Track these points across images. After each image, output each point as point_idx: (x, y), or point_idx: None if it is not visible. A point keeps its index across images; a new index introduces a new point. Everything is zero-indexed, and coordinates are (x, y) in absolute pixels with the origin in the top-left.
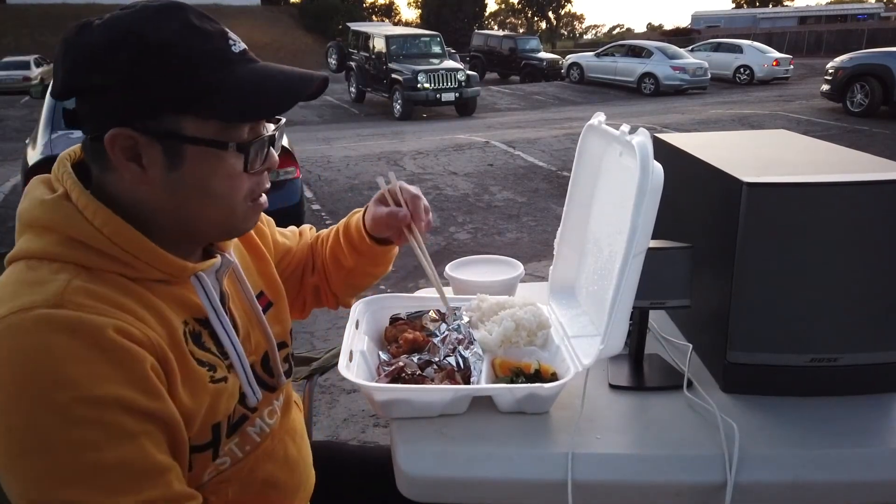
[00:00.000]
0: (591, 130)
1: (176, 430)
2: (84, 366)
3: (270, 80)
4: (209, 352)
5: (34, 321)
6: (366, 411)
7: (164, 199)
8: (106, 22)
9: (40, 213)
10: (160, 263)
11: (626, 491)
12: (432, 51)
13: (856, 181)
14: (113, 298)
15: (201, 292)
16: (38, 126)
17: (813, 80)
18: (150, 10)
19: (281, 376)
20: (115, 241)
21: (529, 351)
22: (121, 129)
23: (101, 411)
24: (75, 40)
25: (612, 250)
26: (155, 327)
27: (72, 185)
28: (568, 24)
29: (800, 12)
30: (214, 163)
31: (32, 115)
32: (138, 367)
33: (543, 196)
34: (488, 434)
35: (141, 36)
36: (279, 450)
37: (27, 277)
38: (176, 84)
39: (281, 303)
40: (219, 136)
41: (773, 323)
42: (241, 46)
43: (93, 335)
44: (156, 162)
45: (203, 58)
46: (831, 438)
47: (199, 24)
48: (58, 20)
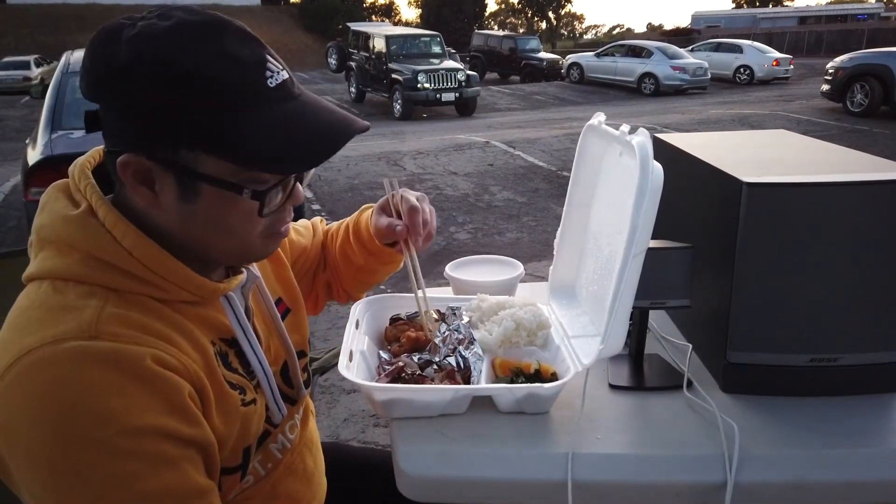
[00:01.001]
0: (591, 130)
1: (211, 454)
2: (124, 398)
3: (302, 129)
4: (237, 373)
5: (69, 355)
6: (366, 411)
7: (177, 226)
8: (137, 36)
9: (64, 230)
10: (191, 285)
11: (626, 491)
12: (432, 51)
13: (856, 181)
14: (146, 324)
15: (230, 312)
16: (38, 126)
17: (813, 80)
18: (186, 29)
19: (301, 387)
20: (144, 264)
21: (529, 351)
22: (133, 156)
23: (142, 442)
24: (102, 50)
25: (612, 250)
26: (189, 353)
27: (98, 202)
28: (568, 24)
29: (800, 12)
30: (229, 203)
31: (32, 115)
32: (177, 395)
33: (543, 196)
34: (488, 434)
35: (168, 62)
36: (299, 464)
37: (54, 302)
38: (196, 119)
39: (299, 309)
40: (236, 178)
41: (773, 323)
42: (281, 77)
43: (131, 367)
44: (169, 191)
45: (230, 93)
46: (831, 438)
47: (236, 50)
48: (58, 20)
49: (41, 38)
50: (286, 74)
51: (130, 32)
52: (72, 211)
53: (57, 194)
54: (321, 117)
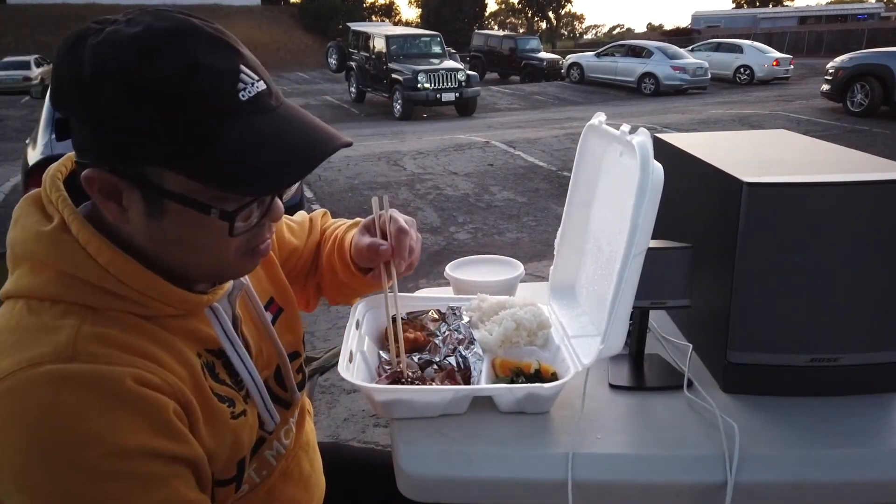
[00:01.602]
0: (591, 130)
1: (202, 469)
2: (106, 419)
3: (273, 146)
4: (225, 384)
5: (46, 378)
6: (366, 411)
7: (147, 241)
8: (100, 44)
9: (36, 247)
10: (173, 299)
11: (626, 491)
12: (432, 51)
13: (856, 181)
14: (126, 342)
15: (216, 323)
16: (39, 126)
17: (813, 80)
18: (153, 36)
19: (295, 391)
20: (122, 280)
21: (529, 351)
22: (98, 171)
23: (130, 462)
24: (66, 58)
25: (612, 250)
26: (174, 369)
27: (70, 216)
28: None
29: (800, 12)
30: (197, 222)
31: (32, 115)
32: (161, 414)
33: (543, 196)
34: (488, 434)
35: (131, 73)
36: (294, 468)
37: (29, 322)
38: (161, 134)
39: (291, 308)
40: (204, 197)
41: (773, 323)
42: (255, 90)
43: (111, 388)
44: (136, 207)
45: (197, 107)
46: (831, 438)
47: (208, 60)
48: (58, 20)
49: (41, 38)
50: (262, 85)
51: (95, 40)
52: (44, 226)
53: (29, 208)
54: (296, 133)
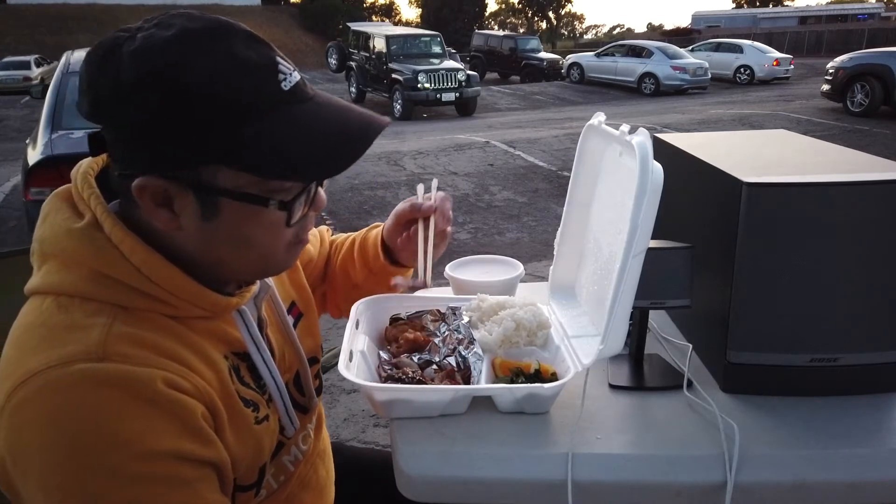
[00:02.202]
0: (591, 130)
1: (225, 473)
2: (136, 422)
3: (324, 132)
4: (249, 388)
5: (78, 377)
6: (366, 411)
7: (198, 244)
8: (139, 50)
9: (68, 244)
10: (203, 302)
11: (626, 491)
12: (432, 51)
13: (856, 181)
14: (157, 343)
15: (242, 326)
16: (39, 126)
17: (813, 80)
18: (190, 37)
19: (313, 396)
20: (154, 280)
21: (529, 351)
22: (150, 178)
23: (157, 465)
24: (102, 68)
25: (612, 250)
26: (202, 372)
27: (103, 214)
28: (568, 24)
29: (800, 12)
30: (252, 216)
31: (32, 115)
32: (191, 417)
33: (543, 196)
34: (488, 434)
35: (175, 75)
36: (311, 475)
37: (60, 320)
38: (211, 133)
39: (311, 314)
40: (258, 189)
41: (773, 323)
42: (294, 79)
43: (142, 390)
44: (189, 211)
45: (245, 102)
46: (831, 438)
47: (246, 55)
48: (58, 20)
49: (41, 38)
50: (298, 76)
51: (131, 46)
52: (75, 223)
53: (59, 204)
54: (341, 117)
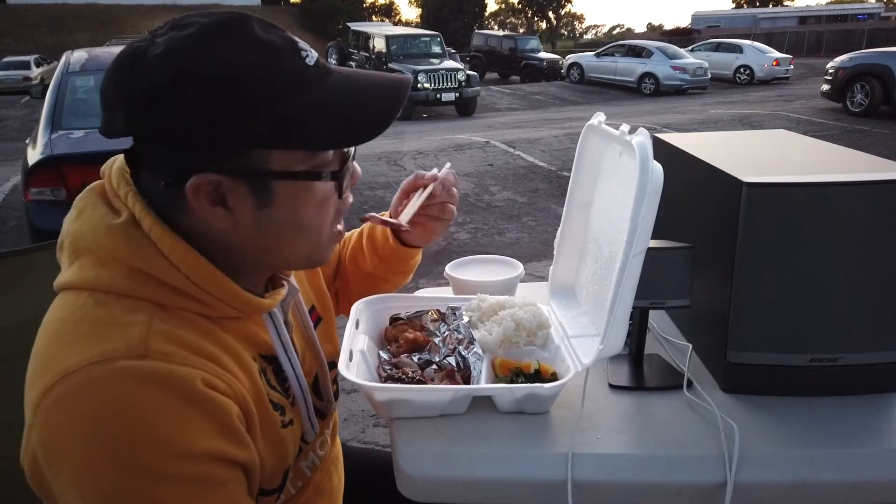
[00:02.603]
0: (590, 130)
1: (254, 476)
2: (176, 421)
3: (359, 97)
4: (275, 390)
5: (120, 375)
6: (366, 411)
7: (252, 237)
8: (164, 53)
9: (107, 241)
10: (238, 302)
11: (626, 491)
12: (432, 51)
13: (856, 181)
14: (194, 343)
15: (272, 329)
16: (38, 126)
17: (813, 80)
18: (210, 31)
19: (332, 400)
20: (192, 280)
21: (529, 351)
22: (202, 176)
23: (195, 466)
24: (131, 78)
25: (612, 250)
26: (237, 374)
27: (142, 211)
28: (568, 24)
29: (800, 12)
30: (305, 194)
31: (32, 115)
32: (227, 417)
33: (543, 196)
34: (488, 434)
35: (209, 68)
36: (326, 482)
37: (99, 315)
38: (256, 117)
39: (329, 318)
40: (308, 165)
41: (773, 323)
42: (314, 56)
43: (183, 389)
44: (243, 202)
45: (280, 82)
46: (831, 438)
47: (267, 37)
48: (58, 20)
49: (41, 38)
50: (315, 53)
51: (156, 51)
52: (114, 219)
53: (95, 199)
54: (369, 82)
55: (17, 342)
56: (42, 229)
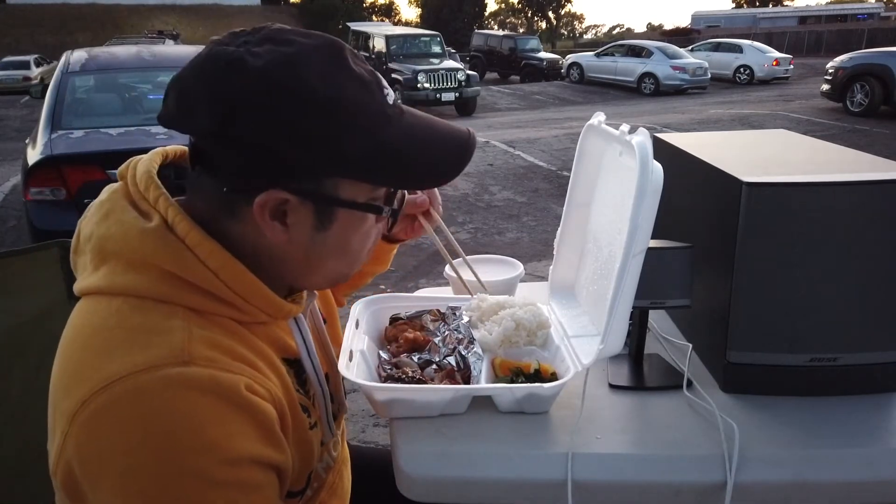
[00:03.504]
0: (590, 130)
1: (286, 478)
2: (223, 427)
3: (433, 142)
4: (300, 392)
5: (166, 382)
6: (366, 411)
7: (299, 254)
8: (269, 67)
9: (140, 245)
10: (270, 307)
11: (626, 491)
12: (432, 51)
13: (856, 181)
14: (233, 349)
15: (297, 333)
16: (38, 126)
17: (813, 79)
18: (316, 54)
19: (342, 402)
20: (229, 285)
21: (529, 351)
22: (275, 192)
23: (238, 470)
24: (230, 82)
25: (611, 250)
26: (271, 378)
27: (176, 216)
28: (568, 23)
29: (800, 12)
30: (359, 224)
31: (32, 115)
32: (269, 422)
33: (543, 196)
34: (488, 434)
35: (310, 89)
36: (338, 483)
37: (136, 322)
38: (344, 146)
39: (333, 320)
40: (368, 197)
41: (773, 323)
42: (393, 95)
43: (229, 394)
44: (303, 222)
45: (369, 116)
46: (831, 438)
47: (358, 69)
48: (58, 20)
49: (41, 38)
50: (391, 89)
51: (258, 62)
52: (146, 223)
53: (123, 203)
54: (439, 130)
55: (17, 342)
56: (42, 229)
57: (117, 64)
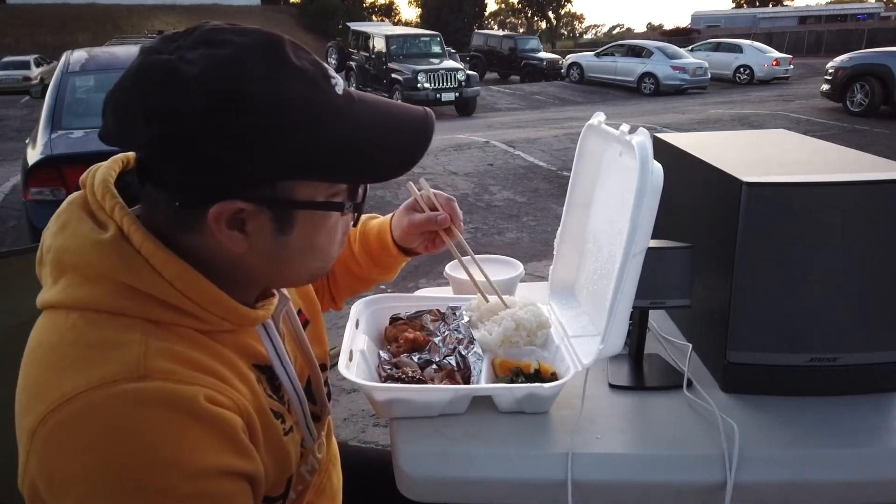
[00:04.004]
0: (590, 130)
1: (259, 486)
2: (183, 441)
3: (388, 131)
4: (272, 398)
5: (121, 399)
6: (366, 411)
7: (264, 260)
8: (205, 74)
9: (94, 257)
10: (234, 315)
11: (626, 491)
12: (432, 51)
13: (856, 181)
14: (193, 359)
15: (267, 340)
16: (38, 126)
17: (813, 79)
18: (251, 53)
19: (325, 404)
20: (187, 295)
21: (529, 351)
22: (227, 203)
23: (204, 483)
24: (164, 95)
25: (611, 250)
26: (238, 387)
27: (131, 226)
28: (568, 23)
29: (800, 12)
30: (322, 221)
31: (32, 115)
32: (233, 431)
33: (543, 196)
34: (488, 434)
35: (250, 93)
36: (327, 483)
37: (92, 337)
38: (289, 148)
39: (317, 320)
40: (327, 194)
41: (773, 323)
42: (341, 83)
43: (187, 408)
44: (263, 229)
45: (316, 112)
46: (831, 438)
47: (300, 63)
48: (58, 20)
49: (41, 38)
50: (340, 79)
51: (192, 70)
52: (101, 234)
53: (79, 213)
54: (394, 115)
55: (16, 342)
56: (42, 229)
57: (117, 64)
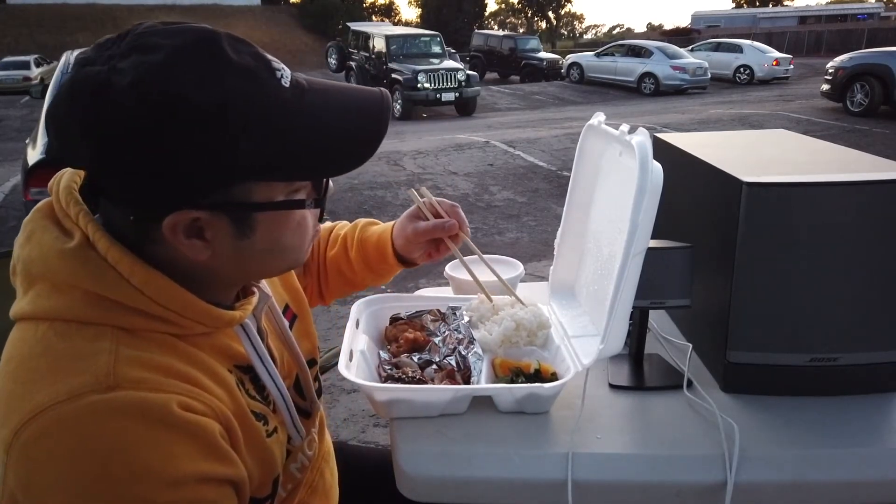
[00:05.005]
0: (590, 130)
1: (243, 490)
2: (157, 450)
3: (341, 120)
4: (255, 399)
5: (90, 410)
6: (366, 411)
7: (229, 264)
8: (137, 82)
9: (60, 266)
10: (207, 318)
11: (626, 491)
12: (432, 51)
13: (856, 181)
14: (165, 365)
15: (246, 340)
16: (38, 126)
17: (813, 79)
18: (184, 56)
19: (315, 399)
20: (156, 300)
21: (529, 351)
22: (180, 214)
23: (183, 491)
24: (97, 108)
25: (611, 250)
26: (213, 390)
27: (96, 233)
28: (568, 23)
29: (800, 12)
30: (285, 219)
31: (32, 115)
32: (209, 437)
33: (543, 196)
34: (488, 434)
35: (188, 99)
36: (318, 480)
37: (61, 349)
38: (241, 149)
39: (305, 315)
40: (287, 192)
41: (773, 323)
42: (288, 73)
43: (159, 416)
44: (222, 235)
45: (262, 109)
46: (831, 438)
47: (240, 58)
48: (58, 20)
49: (41, 38)
50: (287, 69)
51: (123, 80)
52: (66, 243)
53: (45, 223)
54: (347, 100)
55: None
56: None
57: None
